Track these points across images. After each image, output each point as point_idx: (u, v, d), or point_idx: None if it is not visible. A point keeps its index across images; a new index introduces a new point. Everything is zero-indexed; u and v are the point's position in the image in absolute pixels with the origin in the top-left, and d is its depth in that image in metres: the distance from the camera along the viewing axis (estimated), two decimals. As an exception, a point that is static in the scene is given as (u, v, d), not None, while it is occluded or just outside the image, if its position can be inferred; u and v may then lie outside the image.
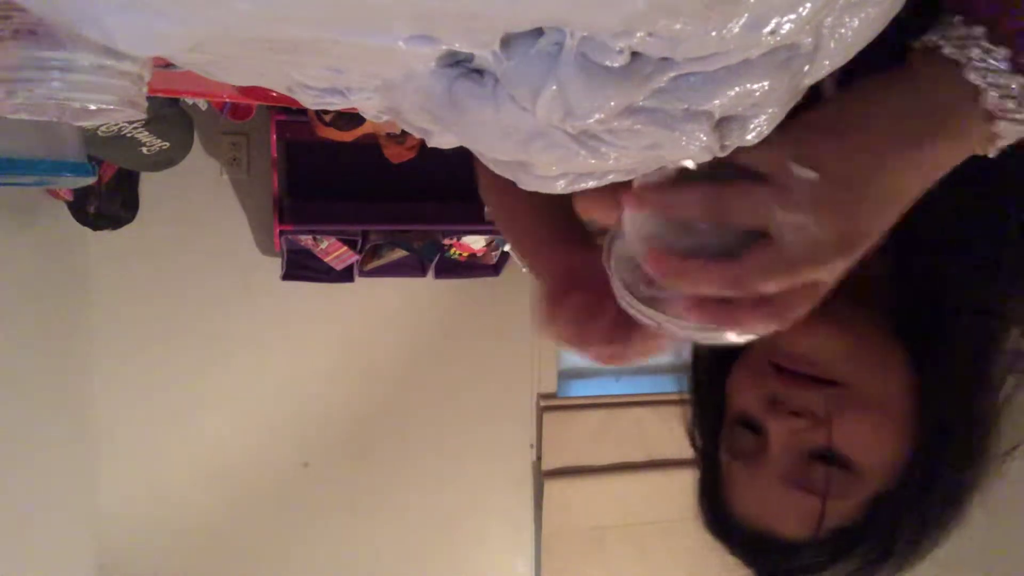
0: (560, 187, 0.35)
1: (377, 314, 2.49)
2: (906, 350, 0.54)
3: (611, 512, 2.65)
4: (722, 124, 0.29)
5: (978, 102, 0.35)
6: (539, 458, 2.64)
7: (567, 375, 2.80)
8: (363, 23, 0.24)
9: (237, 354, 2.38)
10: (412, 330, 2.54)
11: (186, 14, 0.22)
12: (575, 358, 2.86)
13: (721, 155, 0.31)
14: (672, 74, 0.26)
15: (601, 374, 2.89)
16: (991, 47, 0.34)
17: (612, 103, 0.26)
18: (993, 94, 0.34)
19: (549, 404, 2.64)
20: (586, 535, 2.64)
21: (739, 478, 0.59)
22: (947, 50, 0.35)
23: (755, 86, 0.27)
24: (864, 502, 0.55)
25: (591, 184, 0.35)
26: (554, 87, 0.26)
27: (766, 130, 0.30)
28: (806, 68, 0.27)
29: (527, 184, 0.36)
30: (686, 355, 0.70)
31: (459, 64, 0.27)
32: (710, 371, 0.65)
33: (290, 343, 2.42)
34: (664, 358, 0.62)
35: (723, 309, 0.38)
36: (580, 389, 2.79)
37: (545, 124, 0.28)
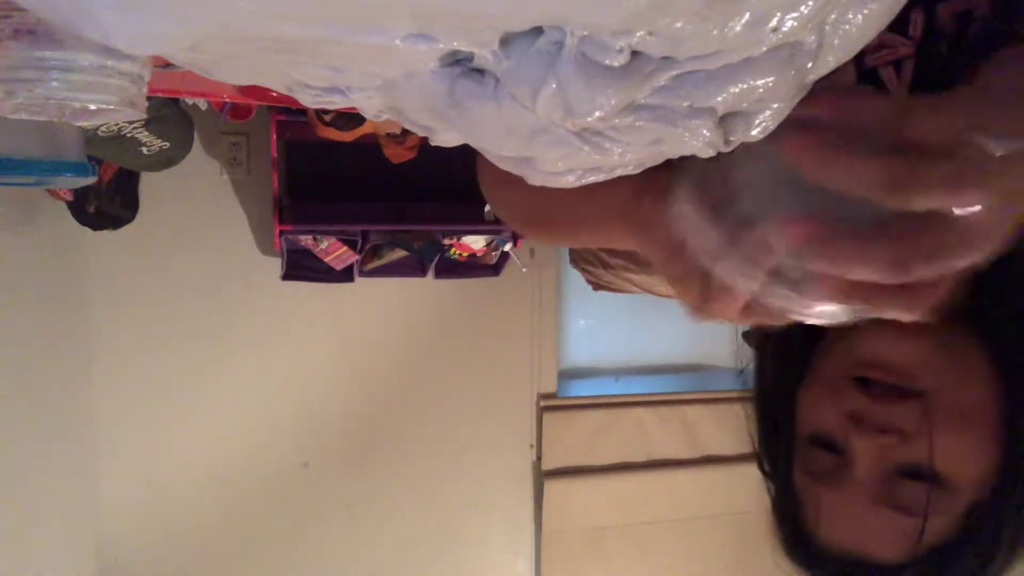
0: (569, 182, 0.35)
1: (377, 314, 2.49)
2: (987, 349, 0.51)
3: (611, 512, 2.65)
4: (727, 120, 0.29)
5: None
6: (539, 458, 2.64)
7: (567, 375, 2.80)
8: (360, 21, 0.24)
9: (237, 354, 2.38)
10: (412, 330, 2.54)
11: (184, 13, 0.22)
12: (575, 358, 2.87)
13: (725, 150, 0.30)
14: (674, 72, 0.26)
15: (601, 374, 2.90)
16: None
17: (612, 101, 0.26)
18: None
19: (549, 404, 2.64)
20: (586, 535, 2.64)
21: (823, 502, 0.56)
22: None
23: (759, 82, 0.27)
24: (960, 515, 0.52)
25: (601, 178, 0.35)
26: (553, 85, 0.26)
27: (771, 125, 0.30)
28: (810, 64, 0.27)
29: (534, 180, 0.35)
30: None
31: (459, 63, 0.27)
32: (778, 390, 0.61)
33: (290, 343, 2.42)
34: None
35: (873, 292, 0.32)
36: (580, 389, 2.79)
37: (547, 122, 0.28)
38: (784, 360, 0.62)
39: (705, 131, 0.28)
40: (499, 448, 2.63)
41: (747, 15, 0.23)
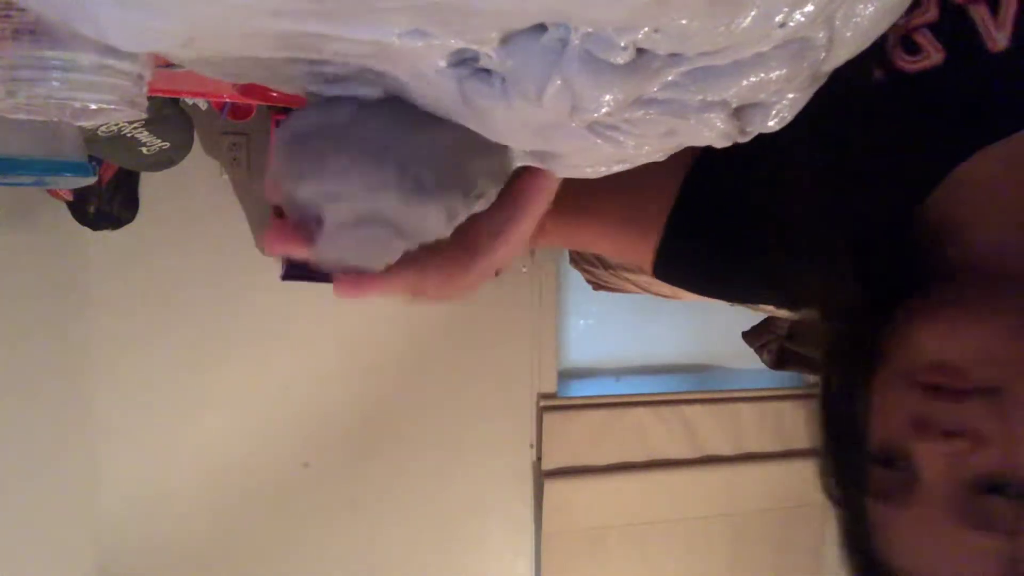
0: (590, 173, 0.35)
1: (377, 314, 2.49)
2: None
3: (611, 512, 2.65)
4: (743, 111, 0.29)
5: None
6: (539, 458, 2.64)
7: (567, 375, 2.80)
8: (356, 17, 0.24)
9: (237, 354, 2.38)
10: (412, 330, 2.54)
11: (179, 9, 0.22)
12: (575, 358, 2.87)
13: (742, 140, 0.30)
14: (683, 69, 0.26)
15: (601, 374, 2.90)
16: None
17: (620, 97, 0.26)
18: None
19: (549, 404, 2.64)
20: (586, 535, 2.64)
21: (892, 524, 0.48)
22: None
23: (771, 76, 0.27)
24: None
25: (626, 167, 0.35)
26: (559, 82, 0.26)
27: (788, 116, 0.29)
28: (822, 56, 0.27)
29: (560, 172, 0.36)
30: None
31: (465, 64, 0.27)
32: (842, 405, 0.55)
33: (290, 343, 2.42)
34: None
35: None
36: (580, 389, 2.79)
37: (557, 118, 0.28)
38: (851, 364, 0.55)
39: (719, 123, 0.28)
40: (499, 448, 2.62)
41: (753, 11, 0.23)
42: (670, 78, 0.26)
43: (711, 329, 2.83)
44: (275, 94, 1.02)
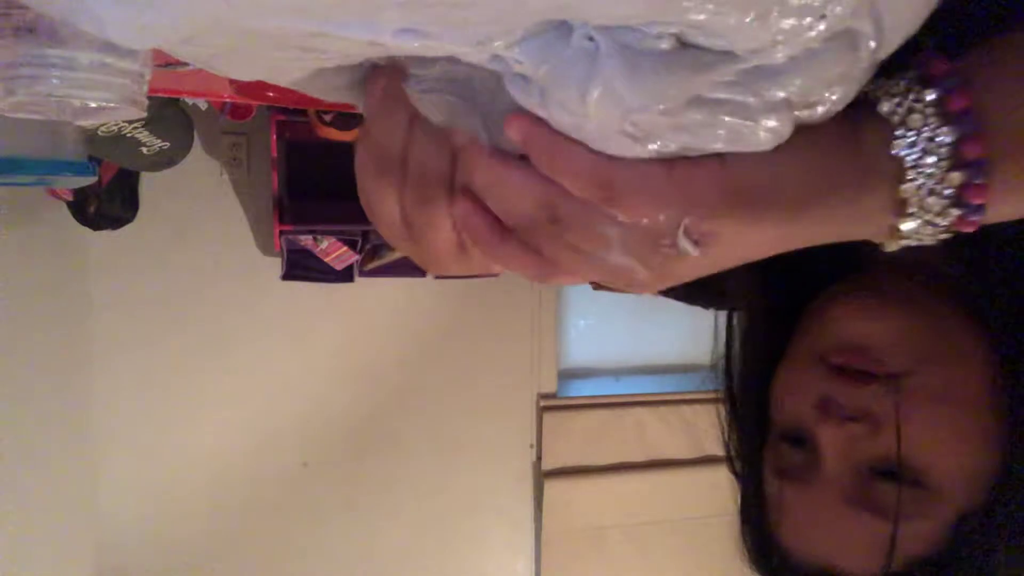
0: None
1: (377, 314, 2.49)
2: (979, 327, 0.44)
3: (611, 512, 2.65)
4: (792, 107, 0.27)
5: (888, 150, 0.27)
6: (539, 458, 2.64)
7: (567, 375, 2.80)
8: (349, 15, 0.24)
9: (237, 354, 2.38)
10: (412, 330, 2.54)
11: (176, 6, 0.22)
12: (575, 358, 2.86)
13: (784, 137, 0.27)
14: (740, 67, 0.25)
15: (601, 374, 2.89)
16: (920, 89, 0.27)
17: (671, 91, 0.25)
18: (908, 137, 0.27)
19: (549, 404, 2.64)
20: (586, 535, 2.64)
21: (788, 503, 0.49)
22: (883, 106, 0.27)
23: (830, 71, 0.25)
24: (946, 524, 0.45)
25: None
26: (601, 85, 0.25)
27: (838, 108, 0.28)
28: (873, 46, 0.25)
29: None
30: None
31: (500, 59, 0.26)
32: (749, 382, 0.56)
33: (290, 343, 2.42)
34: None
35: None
36: (580, 389, 2.79)
37: (605, 127, 0.26)
38: (755, 347, 0.57)
39: (779, 123, 0.26)
40: (499, 448, 2.62)
41: (790, 3, 0.22)
42: (727, 78, 0.25)
43: (711, 329, 2.82)
44: (271, 93, 1.02)
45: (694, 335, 2.91)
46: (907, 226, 0.28)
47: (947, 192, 0.27)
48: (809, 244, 0.29)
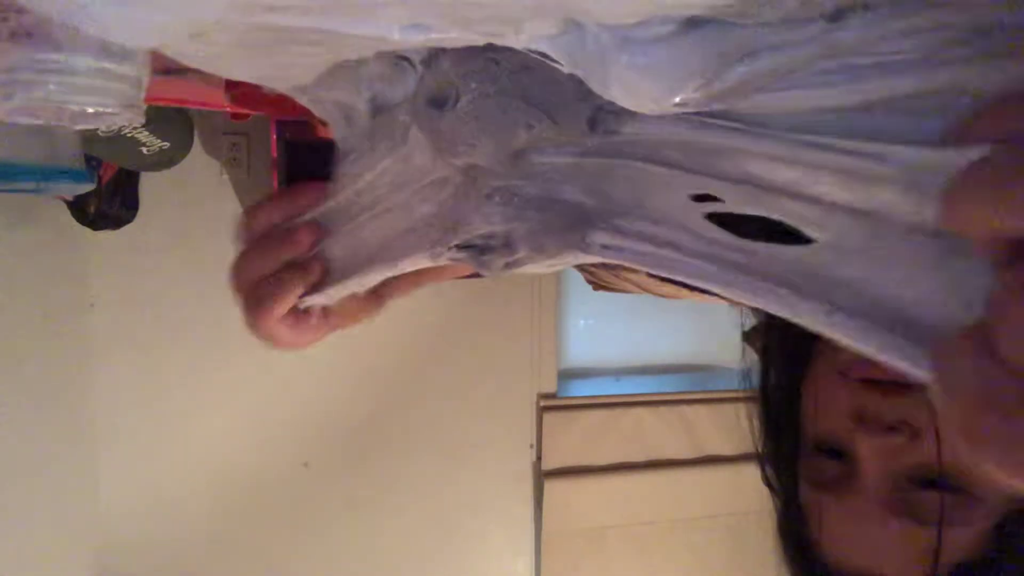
0: None
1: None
2: None
3: (611, 512, 2.65)
4: None
5: None
6: (539, 458, 2.64)
7: (567, 375, 2.80)
8: (355, 12, 0.24)
9: (237, 354, 2.38)
10: (412, 330, 2.54)
11: (177, 3, 0.22)
12: (575, 358, 2.86)
13: None
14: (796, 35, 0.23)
15: (601, 374, 2.89)
16: None
17: (699, 77, 0.23)
18: None
19: (549, 404, 2.64)
20: (586, 535, 2.64)
21: (829, 514, 0.49)
22: None
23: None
24: (988, 528, 0.45)
25: None
26: (618, 86, 0.24)
27: None
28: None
29: None
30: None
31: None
32: (781, 392, 0.56)
33: (290, 343, 2.42)
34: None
35: None
36: (580, 389, 2.78)
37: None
38: (787, 359, 0.57)
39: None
40: (499, 448, 2.62)
41: None
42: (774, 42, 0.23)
43: (711, 329, 2.82)
44: (267, 104, 1.02)
45: (694, 335, 2.91)
46: None
47: None
48: None
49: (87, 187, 0.78)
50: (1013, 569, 0.45)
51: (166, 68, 0.28)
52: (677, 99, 0.24)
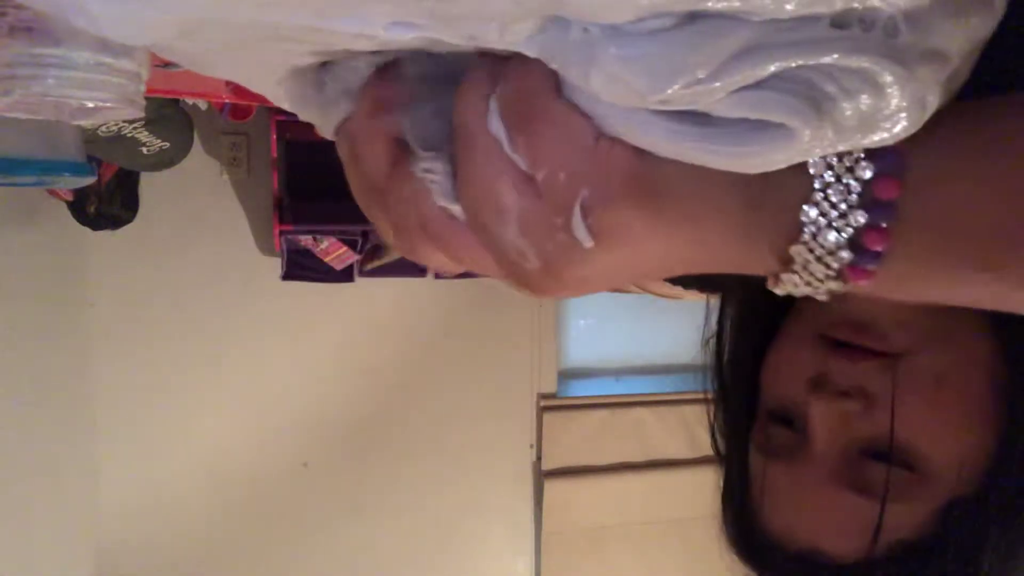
0: None
1: (377, 314, 2.49)
2: (994, 328, 0.43)
3: (611, 512, 2.65)
4: None
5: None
6: (539, 458, 2.64)
7: (567, 375, 2.80)
8: (340, 8, 0.24)
9: (237, 354, 2.38)
10: (412, 330, 2.54)
11: (166, 1, 0.22)
12: (575, 358, 2.86)
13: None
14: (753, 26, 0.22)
15: (601, 374, 2.89)
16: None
17: (689, 65, 0.23)
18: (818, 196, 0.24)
19: (549, 404, 2.64)
20: (586, 535, 2.63)
21: (773, 482, 0.48)
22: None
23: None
24: (936, 509, 0.44)
25: None
26: (601, 75, 0.23)
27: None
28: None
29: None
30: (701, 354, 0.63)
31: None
32: (738, 362, 0.55)
33: (290, 343, 2.42)
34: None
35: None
36: (580, 389, 2.79)
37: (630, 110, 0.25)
38: (747, 327, 0.55)
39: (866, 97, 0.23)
40: (499, 448, 2.62)
41: None
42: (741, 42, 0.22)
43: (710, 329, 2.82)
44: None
45: (694, 335, 2.90)
46: (787, 277, 0.27)
47: (834, 267, 0.25)
48: (708, 268, 0.27)
49: (89, 180, 0.78)
50: (953, 553, 0.43)
51: (167, 61, 0.28)
52: (668, 91, 0.23)
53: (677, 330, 2.88)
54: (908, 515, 0.44)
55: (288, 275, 2.25)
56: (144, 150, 1.59)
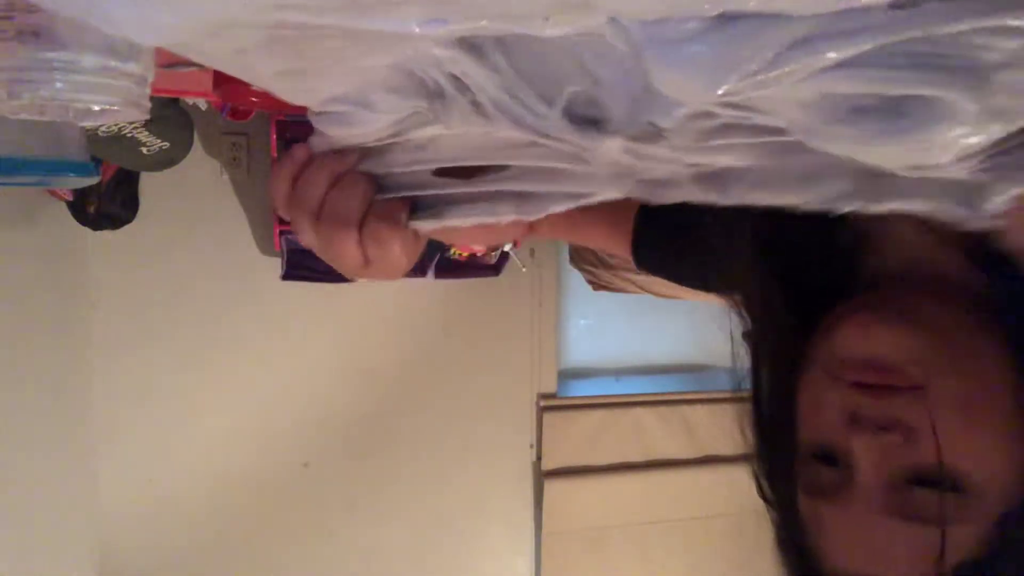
0: None
1: (377, 314, 2.49)
2: (993, 329, 0.46)
3: (611, 512, 2.65)
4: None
5: None
6: (539, 458, 2.64)
7: (567, 375, 2.80)
8: (374, 10, 0.24)
9: (237, 354, 2.38)
10: (412, 330, 2.54)
11: (192, 2, 0.22)
12: (575, 358, 2.87)
13: None
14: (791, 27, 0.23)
15: (601, 374, 2.90)
16: None
17: (741, 69, 0.23)
18: None
19: (549, 404, 2.64)
20: (586, 535, 2.64)
21: (827, 522, 0.48)
22: None
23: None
24: (988, 525, 0.45)
25: None
26: (661, 82, 0.24)
27: None
28: None
29: None
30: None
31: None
32: (775, 402, 0.55)
33: (290, 343, 2.42)
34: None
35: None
36: (580, 389, 2.79)
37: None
38: (779, 361, 0.56)
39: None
40: (499, 448, 2.63)
41: None
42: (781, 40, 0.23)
43: (711, 329, 2.82)
44: (255, 99, 1.02)
45: (694, 335, 2.91)
46: None
47: None
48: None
49: (93, 180, 0.78)
50: (1015, 566, 0.45)
51: (170, 61, 0.29)
52: (726, 86, 0.24)
53: (677, 330, 2.88)
54: (964, 535, 0.45)
55: (288, 275, 2.25)
56: (144, 150, 1.59)
